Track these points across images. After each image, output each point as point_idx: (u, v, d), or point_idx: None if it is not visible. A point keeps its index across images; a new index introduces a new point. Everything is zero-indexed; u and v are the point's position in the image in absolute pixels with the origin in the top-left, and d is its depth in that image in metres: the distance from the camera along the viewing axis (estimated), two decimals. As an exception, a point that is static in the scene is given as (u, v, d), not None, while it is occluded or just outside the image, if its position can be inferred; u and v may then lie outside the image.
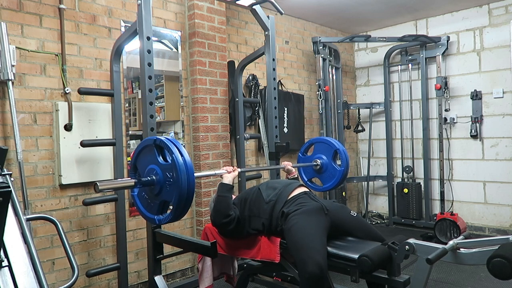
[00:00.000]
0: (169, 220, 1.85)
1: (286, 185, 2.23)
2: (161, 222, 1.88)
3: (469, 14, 4.49)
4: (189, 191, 1.75)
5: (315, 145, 3.03)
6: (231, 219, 2.14)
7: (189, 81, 3.36)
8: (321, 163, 2.91)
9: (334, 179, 2.87)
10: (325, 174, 2.93)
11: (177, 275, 3.28)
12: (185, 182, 1.73)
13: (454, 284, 3.11)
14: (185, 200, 1.76)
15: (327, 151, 2.92)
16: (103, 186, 1.76)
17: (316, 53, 4.53)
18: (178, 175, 1.72)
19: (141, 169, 1.94)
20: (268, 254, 2.13)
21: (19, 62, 2.44)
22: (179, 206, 1.77)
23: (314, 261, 1.82)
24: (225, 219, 2.14)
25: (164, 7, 3.22)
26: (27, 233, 1.24)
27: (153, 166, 1.86)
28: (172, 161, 1.76)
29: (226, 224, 2.15)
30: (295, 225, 1.98)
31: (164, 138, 1.84)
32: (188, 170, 1.74)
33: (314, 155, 2.99)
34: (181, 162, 1.74)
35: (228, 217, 2.14)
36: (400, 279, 1.82)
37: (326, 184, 2.94)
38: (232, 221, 2.15)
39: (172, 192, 1.78)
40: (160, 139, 1.83)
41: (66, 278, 2.59)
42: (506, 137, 4.28)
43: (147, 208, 1.95)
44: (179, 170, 1.72)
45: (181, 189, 1.73)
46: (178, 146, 1.78)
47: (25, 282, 1.10)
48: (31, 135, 2.52)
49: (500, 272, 1.39)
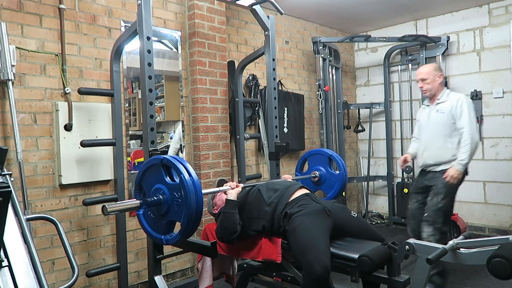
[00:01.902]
0: (177, 241, 1.83)
1: (287, 187, 2.23)
2: (168, 243, 1.86)
3: (469, 14, 4.49)
4: (198, 210, 1.73)
5: (308, 160, 3.07)
6: (238, 234, 2.15)
7: (189, 81, 3.36)
8: (320, 174, 2.95)
9: (336, 186, 2.91)
10: (326, 184, 2.96)
11: (177, 275, 3.28)
12: (194, 201, 1.71)
13: (454, 284, 3.11)
14: (194, 219, 1.73)
15: (321, 161, 2.96)
16: (112, 208, 1.77)
17: (316, 53, 4.53)
18: (187, 195, 1.70)
19: (146, 188, 1.92)
20: (270, 255, 2.13)
21: (19, 62, 2.44)
22: (188, 226, 1.74)
23: (321, 264, 1.82)
24: (232, 235, 2.14)
25: (164, 7, 3.22)
26: (27, 233, 1.24)
27: (159, 186, 1.83)
28: (180, 181, 1.73)
29: (233, 240, 2.16)
30: (299, 226, 1.99)
31: (171, 157, 1.82)
32: (197, 189, 1.72)
33: (310, 169, 3.03)
34: (189, 182, 1.71)
35: (236, 233, 2.14)
36: (400, 279, 1.83)
37: (329, 194, 2.96)
38: (238, 235, 2.16)
39: (180, 212, 1.75)
40: (167, 159, 1.81)
41: (66, 278, 2.59)
42: (506, 137, 4.28)
43: (153, 228, 1.92)
44: (188, 190, 1.70)
45: (190, 209, 1.70)
46: (185, 166, 1.76)
47: (25, 282, 1.10)
48: (31, 135, 2.52)
49: (500, 272, 1.39)
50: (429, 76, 2.89)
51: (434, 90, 2.91)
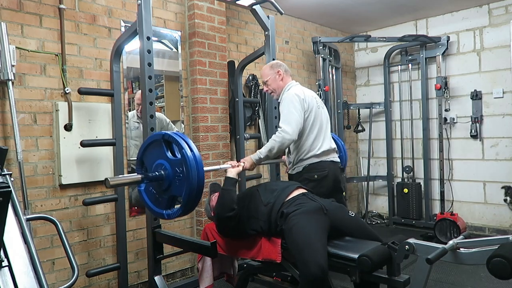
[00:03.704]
0: (178, 215, 1.85)
1: (284, 187, 2.23)
2: (170, 217, 1.88)
3: (469, 14, 4.49)
4: (199, 185, 1.76)
5: None
6: (235, 213, 2.14)
7: (189, 81, 3.36)
8: None
9: None
10: None
11: (177, 275, 3.28)
12: (195, 176, 1.73)
13: (454, 284, 3.11)
14: (195, 194, 1.76)
15: None
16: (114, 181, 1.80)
17: (316, 53, 4.53)
18: (188, 170, 1.73)
19: (148, 164, 1.93)
20: (269, 254, 2.13)
21: (19, 62, 2.43)
22: (190, 200, 1.77)
23: (316, 263, 1.82)
24: (230, 212, 2.14)
25: (164, 7, 3.22)
26: (27, 233, 1.24)
27: (161, 161, 1.85)
28: (182, 156, 1.75)
29: (230, 218, 2.14)
30: (295, 225, 1.98)
31: (173, 133, 1.83)
32: (198, 165, 1.74)
33: None
34: (191, 157, 1.74)
35: (233, 210, 2.14)
36: (400, 279, 1.82)
37: None
38: (236, 216, 2.15)
39: (181, 187, 1.77)
40: (169, 134, 1.82)
41: (66, 278, 2.59)
42: (506, 137, 4.28)
43: (155, 203, 1.94)
44: (190, 165, 1.72)
45: (191, 184, 1.73)
46: (187, 141, 1.78)
47: (25, 282, 1.11)
48: (31, 135, 2.52)
49: (500, 272, 1.39)
50: (268, 77, 2.63)
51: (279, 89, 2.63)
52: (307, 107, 2.48)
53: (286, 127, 2.36)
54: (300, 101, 2.45)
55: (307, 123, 2.49)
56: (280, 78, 2.62)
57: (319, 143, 2.52)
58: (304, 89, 2.60)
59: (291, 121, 2.38)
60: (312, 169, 2.50)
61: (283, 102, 2.47)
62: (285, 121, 2.39)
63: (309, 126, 2.50)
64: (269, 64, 2.71)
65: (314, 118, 2.52)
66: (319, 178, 2.50)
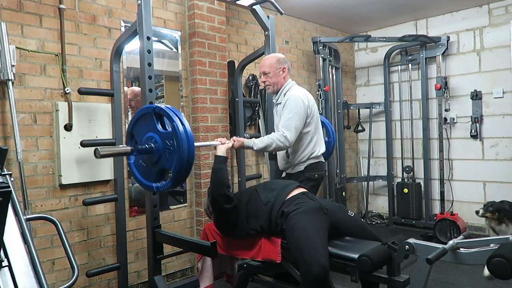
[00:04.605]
0: (167, 188, 1.85)
1: (284, 187, 2.23)
2: (159, 189, 1.89)
3: (469, 14, 4.49)
4: (189, 158, 1.76)
5: None
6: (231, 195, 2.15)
7: (189, 81, 3.36)
8: None
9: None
10: None
11: (177, 275, 3.28)
12: (186, 149, 1.74)
13: (454, 284, 3.11)
14: (186, 167, 1.77)
15: None
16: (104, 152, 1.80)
17: (316, 53, 4.53)
18: (179, 143, 1.73)
19: (138, 137, 1.95)
20: (269, 254, 2.13)
21: (19, 62, 2.43)
22: (180, 173, 1.78)
23: (318, 263, 1.82)
24: (226, 188, 2.15)
25: (164, 7, 3.22)
26: (27, 233, 1.24)
27: (151, 134, 1.86)
28: (173, 129, 1.76)
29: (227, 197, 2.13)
30: (296, 224, 1.98)
31: (164, 106, 1.84)
32: (189, 138, 1.75)
33: None
34: (182, 131, 1.74)
35: (228, 187, 2.16)
36: (400, 279, 1.82)
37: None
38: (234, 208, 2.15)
39: (172, 160, 1.78)
40: (160, 107, 1.83)
41: (66, 278, 2.59)
42: (506, 137, 4.28)
43: (144, 176, 1.95)
44: (180, 138, 1.73)
45: (181, 157, 1.74)
46: (178, 115, 1.79)
47: (25, 282, 1.10)
48: (31, 135, 2.52)
49: (500, 272, 1.39)
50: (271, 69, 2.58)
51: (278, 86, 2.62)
52: (310, 112, 2.54)
53: (289, 135, 2.39)
54: (305, 108, 2.50)
55: (310, 128, 2.55)
56: (283, 75, 2.62)
57: (319, 146, 2.62)
58: (306, 92, 2.64)
59: (294, 130, 2.42)
60: (313, 168, 2.57)
61: (289, 105, 2.47)
62: (289, 127, 2.41)
63: (312, 130, 2.58)
64: (275, 56, 2.66)
65: (316, 122, 2.61)
66: (318, 177, 2.59)
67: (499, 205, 2.93)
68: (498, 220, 2.91)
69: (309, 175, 2.55)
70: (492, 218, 2.93)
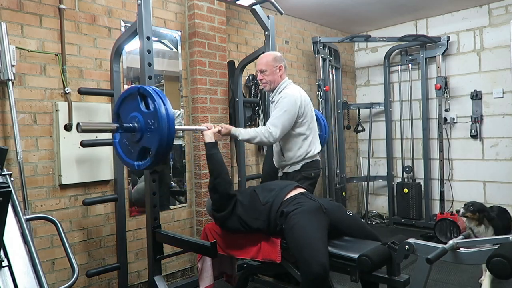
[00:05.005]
0: (148, 166, 1.91)
1: (283, 187, 2.23)
2: (140, 168, 1.95)
3: (469, 14, 4.49)
4: (169, 138, 1.83)
5: None
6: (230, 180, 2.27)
7: (189, 81, 3.36)
8: None
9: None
10: None
11: (177, 275, 3.28)
12: (166, 129, 1.80)
13: (454, 284, 3.11)
14: (165, 147, 1.83)
15: None
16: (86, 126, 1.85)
17: (316, 53, 4.53)
18: (159, 122, 1.80)
19: (123, 116, 2.01)
20: (269, 255, 2.13)
21: (19, 62, 2.43)
22: (159, 152, 1.84)
23: (318, 262, 1.82)
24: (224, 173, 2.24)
25: (164, 7, 3.22)
26: (27, 233, 1.24)
27: (135, 114, 1.92)
28: (154, 108, 1.82)
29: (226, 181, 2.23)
30: (296, 224, 1.98)
31: (148, 86, 1.90)
32: (169, 118, 1.82)
33: None
34: (163, 111, 1.81)
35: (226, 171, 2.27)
36: (400, 279, 1.83)
37: None
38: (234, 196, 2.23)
39: (152, 138, 1.85)
40: (144, 88, 1.89)
41: (66, 278, 2.59)
42: (506, 137, 4.28)
43: (127, 155, 2.02)
44: (160, 117, 1.80)
45: (161, 136, 1.80)
46: (161, 96, 1.85)
47: (25, 282, 1.11)
48: (31, 135, 2.52)
49: (500, 272, 1.39)
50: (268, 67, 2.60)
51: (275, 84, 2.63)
52: (302, 113, 2.53)
53: (274, 132, 2.41)
54: (297, 108, 2.49)
55: (304, 128, 2.55)
56: (280, 73, 2.63)
57: (314, 146, 2.62)
58: (300, 90, 2.63)
59: (281, 127, 2.43)
60: (309, 167, 2.58)
61: (282, 103, 2.48)
62: (277, 124, 2.42)
63: (307, 130, 2.57)
64: (273, 54, 2.67)
65: (311, 122, 2.60)
66: (315, 176, 2.61)
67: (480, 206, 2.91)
68: (477, 220, 2.86)
69: (306, 174, 2.56)
70: (472, 218, 2.88)
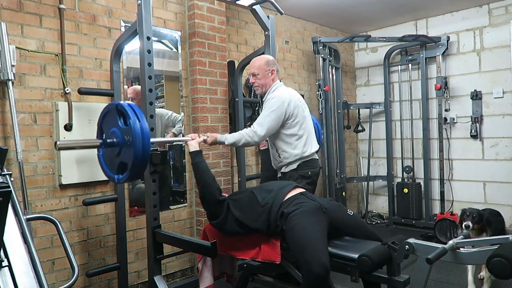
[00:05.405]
0: (125, 180, 1.98)
1: (282, 187, 2.22)
2: (120, 181, 2.00)
3: (469, 14, 4.49)
4: (144, 153, 1.88)
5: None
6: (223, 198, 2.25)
7: (189, 81, 3.36)
8: None
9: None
10: None
11: (177, 275, 3.28)
12: (140, 145, 1.86)
13: (454, 284, 3.11)
14: (140, 161, 1.89)
15: None
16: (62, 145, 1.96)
17: (316, 53, 4.53)
18: (134, 138, 1.86)
19: (105, 131, 2.08)
20: (269, 255, 2.12)
21: (19, 62, 2.43)
22: (134, 166, 1.90)
23: (319, 262, 1.82)
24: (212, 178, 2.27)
25: (164, 7, 3.22)
26: (27, 233, 1.24)
27: (114, 129, 1.99)
28: (129, 125, 1.89)
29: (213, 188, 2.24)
30: (297, 225, 1.98)
31: (125, 103, 1.96)
32: (144, 134, 1.87)
33: None
34: (137, 127, 1.87)
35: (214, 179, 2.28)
36: (400, 279, 1.82)
37: None
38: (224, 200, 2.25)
39: (129, 153, 1.91)
40: (121, 105, 1.95)
41: (66, 278, 2.59)
42: (506, 137, 4.28)
43: (109, 168, 2.08)
44: (135, 134, 1.86)
45: (136, 151, 1.86)
46: (136, 112, 1.91)
47: (25, 282, 1.11)
48: (31, 135, 2.52)
49: (500, 272, 1.39)
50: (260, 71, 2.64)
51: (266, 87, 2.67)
52: (291, 113, 2.55)
53: (259, 131, 2.46)
54: (284, 109, 2.52)
55: (296, 129, 2.58)
56: (272, 77, 2.69)
57: (310, 146, 2.64)
58: (290, 91, 2.67)
59: (266, 127, 2.47)
60: (305, 166, 2.61)
61: (269, 103, 2.54)
62: (262, 124, 2.48)
63: (299, 131, 2.60)
64: (265, 58, 2.73)
65: (304, 122, 2.63)
66: (312, 175, 2.63)
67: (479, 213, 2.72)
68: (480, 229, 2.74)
69: (302, 173, 2.59)
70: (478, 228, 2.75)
